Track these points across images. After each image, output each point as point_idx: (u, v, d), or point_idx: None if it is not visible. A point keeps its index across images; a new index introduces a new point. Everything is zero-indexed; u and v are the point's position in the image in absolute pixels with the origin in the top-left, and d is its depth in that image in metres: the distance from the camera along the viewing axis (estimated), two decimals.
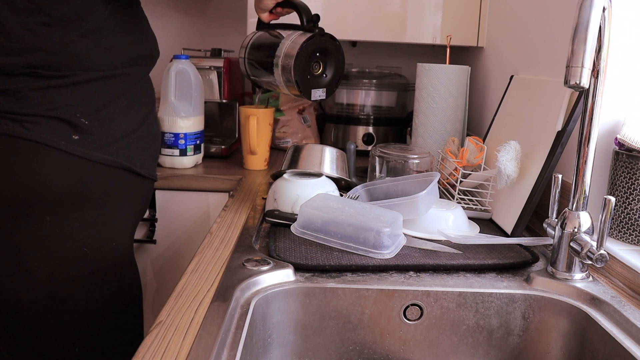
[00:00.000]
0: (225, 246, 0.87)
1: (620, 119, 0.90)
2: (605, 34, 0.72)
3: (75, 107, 0.88)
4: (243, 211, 1.06)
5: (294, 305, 0.76)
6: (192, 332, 0.62)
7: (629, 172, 0.83)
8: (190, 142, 1.43)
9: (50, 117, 0.86)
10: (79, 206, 0.90)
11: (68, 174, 0.88)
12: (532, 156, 0.98)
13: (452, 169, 1.16)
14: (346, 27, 1.54)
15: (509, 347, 0.80)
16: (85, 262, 0.91)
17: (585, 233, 0.77)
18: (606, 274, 0.82)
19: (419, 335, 0.79)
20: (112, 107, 0.93)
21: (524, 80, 1.16)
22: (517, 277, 0.82)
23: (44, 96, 0.86)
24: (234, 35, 1.94)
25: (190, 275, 0.76)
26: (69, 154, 0.87)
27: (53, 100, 0.87)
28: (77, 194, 0.89)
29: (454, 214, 0.96)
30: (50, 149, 0.86)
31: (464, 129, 1.38)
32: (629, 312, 0.70)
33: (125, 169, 0.95)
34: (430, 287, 0.78)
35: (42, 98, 0.86)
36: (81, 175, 0.89)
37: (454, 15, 1.54)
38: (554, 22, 1.09)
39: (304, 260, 0.81)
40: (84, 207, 0.90)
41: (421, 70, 1.36)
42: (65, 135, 0.87)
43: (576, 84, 0.65)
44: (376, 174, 1.15)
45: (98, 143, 0.91)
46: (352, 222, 0.84)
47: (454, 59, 1.55)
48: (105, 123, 0.92)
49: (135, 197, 1.00)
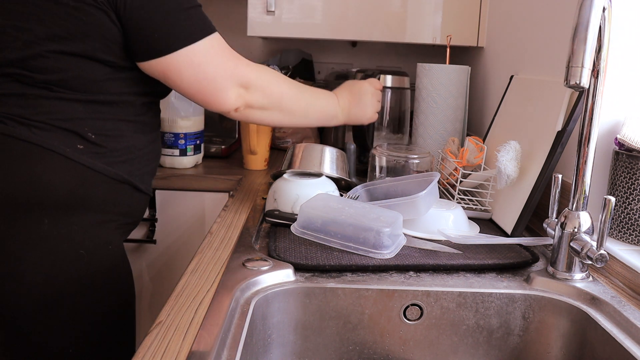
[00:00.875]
0: (225, 246, 0.87)
1: (620, 119, 0.90)
2: (605, 34, 0.72)
3: (85, 122, 0.91)
4: (243, 211, 1.06)
5: (294, 305, 0.76)
6: (192, 332, 0.62)
7: (629, 172, 0.83)
8: (190, 142, 1.43)
9: (59, 127, 0.89)
10: (78, 210, 0.90)
11: (70, 180, 0.89)
12: (532, 156, 0.98)
13: (452, 169, 1.16)
14: (346, 27, 1.54)
15: (509, 347, 0.80)
16: (81, 264, 0.91)
17: (585, 233, 0.77)
18: (606, 274, 0.82)
19: (419, 335, 0.79)
20: (121, 128, 0.95)
21: (524, 80, 1.16)
22: (517, 277, 0.82)
23: (56, 106, 0.89)
24: (234, 35, 1.94)
25: (190, 275, 0.76)
26: (72, 160, 0.89)
27: (64, 112, 0.89)
28: (76, 199, 0.90)
29: (454, 214, 0.96)
30: (54, 155, 0.88)
31: (464, 129, 1.38)
32: (629, 312, 0.70)
33: (126, 183, 0.96)
34: (430, 287, 0.78)
35: (54, 107, 0.89)
36: (82, 182, 0.90)
37: (454, 15, 1.54)
38: (554, 22, 1.09)
39: (304, 260, 0.81)
40: (82, 211, 0.91)
41: (421, 70, 1.36)
42: (71, 143, 0.89)
43: (576, 84, 0.65)
44: (376, 174, 1.15)
45: (102, 155, 0.93)
46: (352, 222, 0.84)
47: (454, 59, 1.55)
48: (112, 140, 0.94)
49: (131, 208, 1.01)
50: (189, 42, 0.92)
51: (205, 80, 0.95)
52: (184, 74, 0.94)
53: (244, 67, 0.99)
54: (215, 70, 0.95)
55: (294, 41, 1.92)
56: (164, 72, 0.94)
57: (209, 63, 0.95)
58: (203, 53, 0.94)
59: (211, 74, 0.95)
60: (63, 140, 0.89)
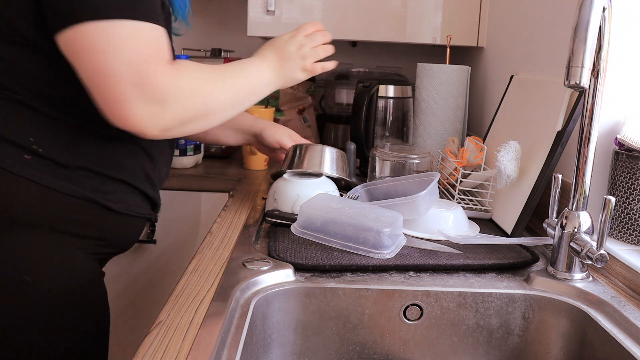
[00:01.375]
0: (225, 246, 0.87)
1: (620, 119, 0.90)
2: (605, 34, 0.72)
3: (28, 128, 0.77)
4: (243, 211, 1.06)
5: (294, 305, 0.76)
6: (192, 332, 0.62)
7: (629, 172, 0.83)
8: (190, 142, 1.43)
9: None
10: (24, 232, 0.77)
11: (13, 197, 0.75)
12: (532, 156, 0.98)
13: (452, 169, 1.16)
14: (346, 27, 1.55)
15: (509, 347, 0.80)
16: (25, 292, 0.77)
17: (585, 233, 0.77)
18: (606, 274, 0.82)
19: (419, 335, 0.79)
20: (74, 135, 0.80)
21: (524, 80, 1.16)
22: (517, 277, 0.82)
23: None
24: (234, 35, 1.94)
25: (190, 275, 0.76)
26: (14, 175, 0.75)
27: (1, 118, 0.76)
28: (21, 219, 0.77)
29: (454, 214, 0.96)
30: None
31: (464, 129, 1.38)
32: (629, 312, 0.70)
33: (89, 201, 0.81)
34: (430, 287, 0.78)
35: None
36: (28, 200, 0.76)
37: (454, 15, 1.54)
38: (554, 22, 1.09)
39: (304, 260, 0.81)
40: (30, 233, 0.77)
41: (421, 70, 1.36)
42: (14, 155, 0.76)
43: (576, 84, 0.65)
44: (376, 174, 1.15)
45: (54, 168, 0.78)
46: (352, 222, 0.84)
47: (454, 59, 1.55)
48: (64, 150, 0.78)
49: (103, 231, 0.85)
50: (99, 16, 0.69)
51: (103, 76, 0.70)
52: (82, 59, 0.70)
53: (159, 77, 0.72)
54: (120, 68, 0.69)
55: None
56: (68, 54, 0.72)
57: (115, 55, 0.69)
58: (114, 39, 0.69)
59: (112, 71, 0.69)
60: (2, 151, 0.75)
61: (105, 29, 0.69)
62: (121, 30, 0.70)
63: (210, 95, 0.81)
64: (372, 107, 1.37)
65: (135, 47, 0.71)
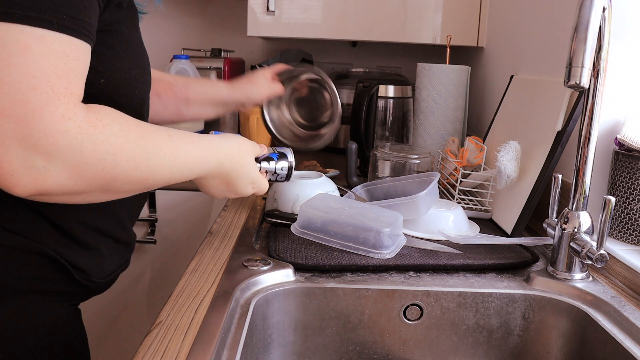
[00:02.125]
0: (225, 246, 0.87)
1: (620, 119, 0.90)
2: (605, 34, 0.72)
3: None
4: (243, 211, 1.06)
5: (294, 305, 0.76)
6: (192, 332, 0.62)
7: (629, 172, 0.83)
8: None
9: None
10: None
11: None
12: (532, 156, 0.98)
13: (452, 169, 1.16)
14: (346, 27, 1.55)
15: (509, 347, 0.80)
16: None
17: (585, 233, 0.77)
18: (606, 274, 0.82)
19: (419, 335, 0.79)
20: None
21: (524, 80, 1.16)
22: (517, 277, 0.82)
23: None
24: (234, 35, 1.94)
25: (190, 275, 0.76)
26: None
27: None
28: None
29: (454, 214, 0.96)
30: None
31: (464, 129, 1.38)
32: (629, 312, 0.70)
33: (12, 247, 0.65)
34: (430, 287, 0.78)
35: None
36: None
37: (454, 15, 1.54)
38: (554, 22, 1.09)
39: (304, 260, 0.81)
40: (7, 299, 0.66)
41: (421, 70, 1.36)
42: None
43: (576, 84, 0.65)
44: (376, 174, 1.15)
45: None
46: (352, 222, 0.84)
47: (454, 59, 1.55)
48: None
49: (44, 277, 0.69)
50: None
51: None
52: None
53: (55, 118, 0.52)
54: (2, 92, 0.50)
55: (294, 41, 1.92)
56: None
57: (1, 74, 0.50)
58: (2, 50, 0.51)
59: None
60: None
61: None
62: (22, 38, 0.50)
63: (121, 167, 0.59)
64: (372, 107, 1.37)
65: (40, 66, 0.51)
